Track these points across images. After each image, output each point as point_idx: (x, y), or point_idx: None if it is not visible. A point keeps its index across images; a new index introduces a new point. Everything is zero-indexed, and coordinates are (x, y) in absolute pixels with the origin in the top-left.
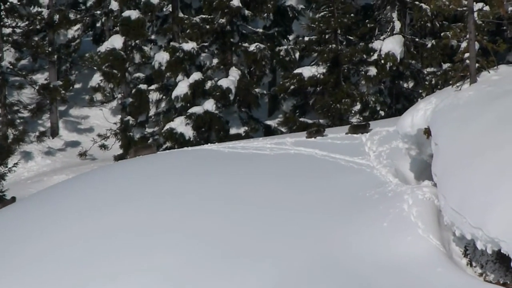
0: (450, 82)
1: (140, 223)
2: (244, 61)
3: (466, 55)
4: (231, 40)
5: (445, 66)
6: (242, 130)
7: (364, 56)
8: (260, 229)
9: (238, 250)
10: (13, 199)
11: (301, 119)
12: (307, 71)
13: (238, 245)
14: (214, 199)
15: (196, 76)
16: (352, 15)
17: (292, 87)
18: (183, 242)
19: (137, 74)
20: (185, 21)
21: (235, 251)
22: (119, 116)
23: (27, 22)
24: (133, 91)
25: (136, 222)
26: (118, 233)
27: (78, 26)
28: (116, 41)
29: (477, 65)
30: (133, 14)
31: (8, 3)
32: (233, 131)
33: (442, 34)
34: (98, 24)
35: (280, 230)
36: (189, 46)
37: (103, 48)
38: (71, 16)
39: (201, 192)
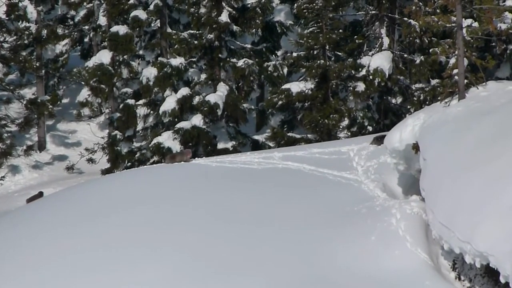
0: (439, 98)
1: (126, 237)
2: (232, 77)
3: (455, 71)
4: (219, 55)
5: (434, 82)
6: (229, 145)
7: (353, 71)
8: (247, 244)
9: (224, 265)
10: (41, 194)
11: (289, 134)
12: (295, 87)
13: (225, 260)
14: (201, 214)
15: (184, 91)
16: (340, 31)
17: (280, 102)
18: (169, 256)
19: (125, 89)
20: (173, 37)
21: (221, 265)
22: (107, 131)
23: (15, 37)
24: (121, 106)
25: (122, 236)
26: (103, 247)
27: (66, 41)
28: (104, 56)
29: (465, 81)
30: (121, 29)
31: None
32: (220, 145)
33: (430, 50)
34: (86, 39)
35: (267, 245)
36: (177, 61)
37: (91, 63)
38: (59, 31)
39: (188, 206)
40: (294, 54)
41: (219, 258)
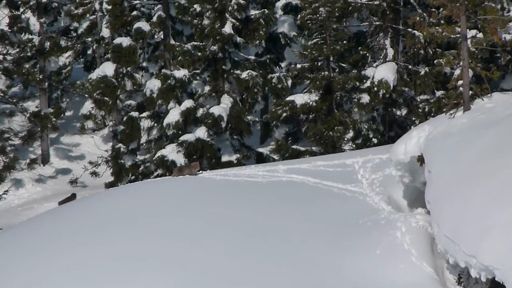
0: (444, 110)
1: (127, 250)
2: (236, 88)
3: (460, 82)
4: (223, 67)
5: (439, 93)
6: (234, 158)
7: (357, 83)
8: (251, 257)
9: (227, 279)
10: (74, 196)
11: (294, 146)
12: (299, 99)
13: (228, 274)
14: (204, 227)
15: (187, 103)
16: (344, 42)
17: (284, 114)
18: (171, 270)
19: (128, 102)
20: (177, 48)
21: (224, 280)
22: (111, 144)
23: (18, 49)
24: (125, 118)
25: (124, 249)
26: (104, 261)
27: (69, 53)
28: (107, 68)
29: (470, 92)
30: (125, 41)
31: None
32: (225, 158)
33: (435, 61)
34: (89, 51)
35: (272, 259)
36: (181, 73)
37: (94, 75)
38: (62, 43)
39: (191, 220)
40: (298, 66)
41: (222, 272)
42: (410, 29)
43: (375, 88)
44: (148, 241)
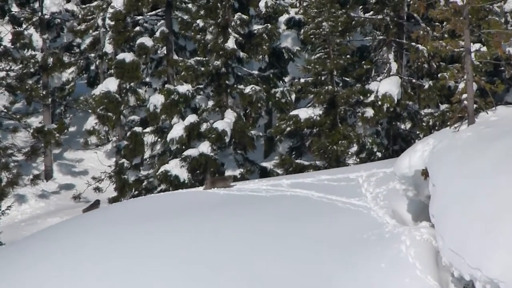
0: (448, 123)
1: (130, 269)
2: (240, 103)
3: (464, 96)
4: (227, 82)
5: (443, 107)
6: (237, 172)
7: (361, 97)
8: (254, 273)
9: None
10: (98, 203)
11: (297, 160)
12: (303, 113)
13: None
14: (206, 242)
15: (191, 118)
16: (348, 56)
17: (288, 128)
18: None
19: (132, 117)
20: (180, 64)
21: None
22: (114, 159)
23: (20, 66)
24: (128, 133)
25: (127, 268)
26: (108, 276)
27: (72, 69)
28: (110, 84)
29: (475, 106)
30: (128, 56)
31: (2, 47)
32: (228, 173)
33: (439, 75)
34: (93, 67)
35: (277, 275)
36: (184, 88)
37: (97, 91)
38: (65, 59)
39: (195, 237)
40: (302, 80)
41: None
42: (413, 43)
43: (379, 102)
44: (149, 260)
